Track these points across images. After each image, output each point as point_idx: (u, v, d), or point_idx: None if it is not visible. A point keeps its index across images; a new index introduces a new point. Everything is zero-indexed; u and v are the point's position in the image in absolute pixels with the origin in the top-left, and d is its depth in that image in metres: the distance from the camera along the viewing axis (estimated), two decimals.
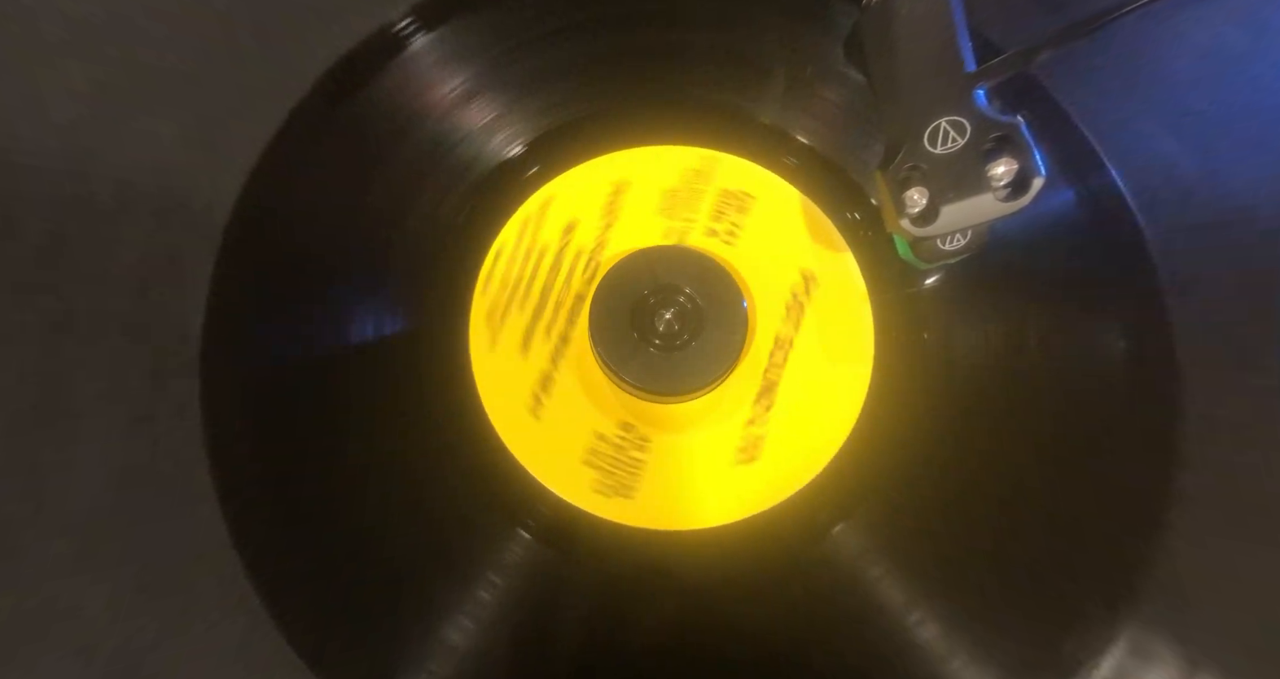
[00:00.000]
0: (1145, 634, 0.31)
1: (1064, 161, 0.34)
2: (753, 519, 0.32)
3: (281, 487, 0.32)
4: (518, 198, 0.34)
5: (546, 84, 0.35)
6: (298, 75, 0.35)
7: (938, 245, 0.29)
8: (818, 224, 0.34)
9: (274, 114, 0.34)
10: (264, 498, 0.32)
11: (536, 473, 0.32)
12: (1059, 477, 0.32)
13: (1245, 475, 0.32)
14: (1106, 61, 0.35)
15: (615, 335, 0.31)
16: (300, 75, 0.35)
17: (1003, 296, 0.33)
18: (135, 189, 0.34)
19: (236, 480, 0.31)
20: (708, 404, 0.33)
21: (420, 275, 0.34)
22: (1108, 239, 0.34)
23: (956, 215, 0.28)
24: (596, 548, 0.32)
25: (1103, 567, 0.31)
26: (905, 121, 0.28)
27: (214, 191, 0.33)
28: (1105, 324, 0.33)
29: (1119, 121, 0.34)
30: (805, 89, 0.35)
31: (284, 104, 0.34)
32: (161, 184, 0.34)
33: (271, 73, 0.35)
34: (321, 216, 0.34)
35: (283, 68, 0.35)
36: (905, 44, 0.28)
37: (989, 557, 0.32)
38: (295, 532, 0.32)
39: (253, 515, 0.31)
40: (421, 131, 0.34)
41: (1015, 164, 0.27)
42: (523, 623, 0.31)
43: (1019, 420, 0.33)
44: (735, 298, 0.31)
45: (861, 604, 0.31)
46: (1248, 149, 0.34)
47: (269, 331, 0.33)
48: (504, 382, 0.33)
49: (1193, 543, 0.31)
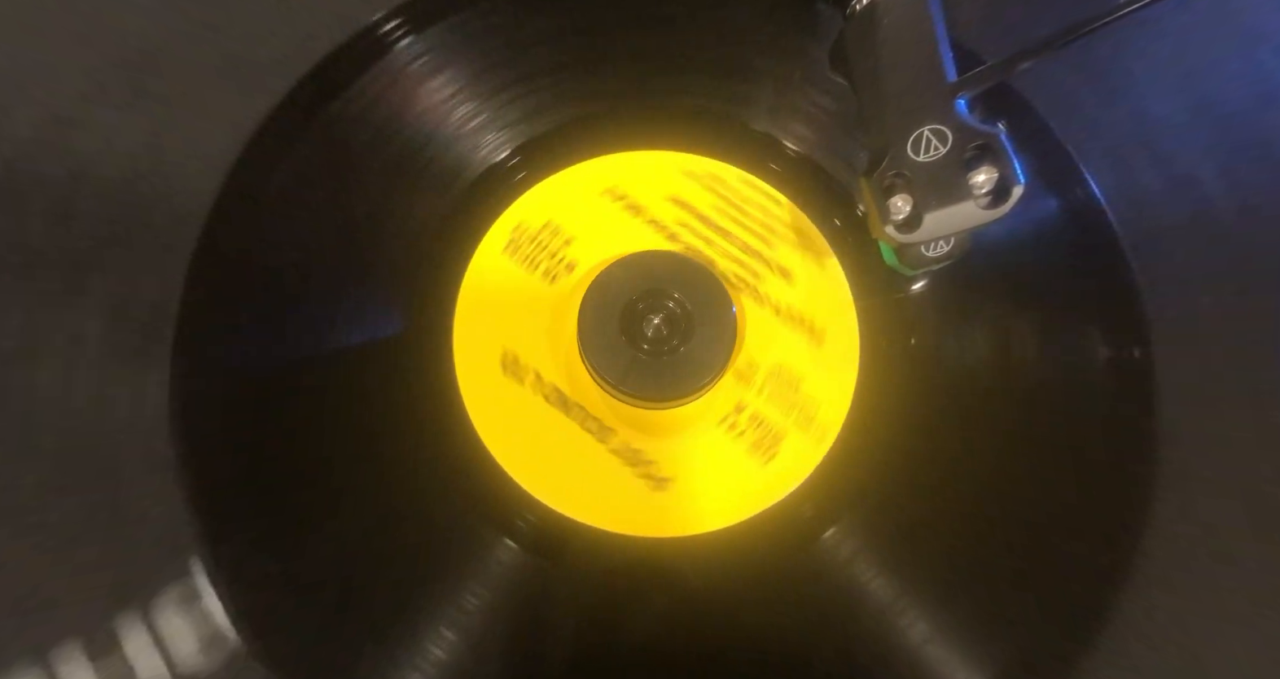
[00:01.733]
0: (1130, 633, 0.31)
1: (1044, 170, 0.34)
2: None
3: (257, 495, 0.32)
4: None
5: (532, 88, 0.35)
6: (280, 74, 0.34)
7: (921, 252, 0.30)
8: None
9: (255, 113, 0.34)
10: (239, 507, 0.31)
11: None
12: (1043, 478, 0.33)
13: (1226, 476, 0.32)
14: (1085, 72, 0.36)
15: (604, 341, 0.31)
16: (283, 74, 0.34)
17: (986, 302, 0.34)
18: (111, 188, 0.33)
19: (211, 488, 0.31)
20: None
21: (403, 279, 0.33)
22: (1087, 245, 0.34)
23: (939, 222, 0.28)
24: (584, 556, 0.32)
25: (1090, 566, 0.32)
26: (889, 130, 0.29)
27: (192, 193, 0.33)
28: (1086, 328, 0.34)
29: (1097, 131, 0.35)
30: (793, 95, 0.36)
31: (265, 103, 0.34)
32: (139, 184, 0.33)
33: (254, 71, 0.34)
34: (302, 218, 0.34)
35: (266, 66, 0.34)
36: (888, 54, 0.29)
37: (976, 558, 0.32)
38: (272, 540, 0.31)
39: (228, 524, 0.31)
40: (405, 133, 0.34)
41: (996, 172, 0.28)
42: (509, 634, 0.31)
43: (1003, 423, 0.33)
44: (724, 303, 0.31)
45: (850, 608, 0.31)
46: (1223, 156, 0.35)
47: (246, 336, 0.33)
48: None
49: (1173, 541, 0.32)
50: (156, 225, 0.33)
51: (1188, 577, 0.32)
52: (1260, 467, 0.32)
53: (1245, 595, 0.32)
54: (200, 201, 0.33)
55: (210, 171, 0.33)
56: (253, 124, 0.34)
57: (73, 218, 0.33)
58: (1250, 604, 0.32)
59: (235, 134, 0.34)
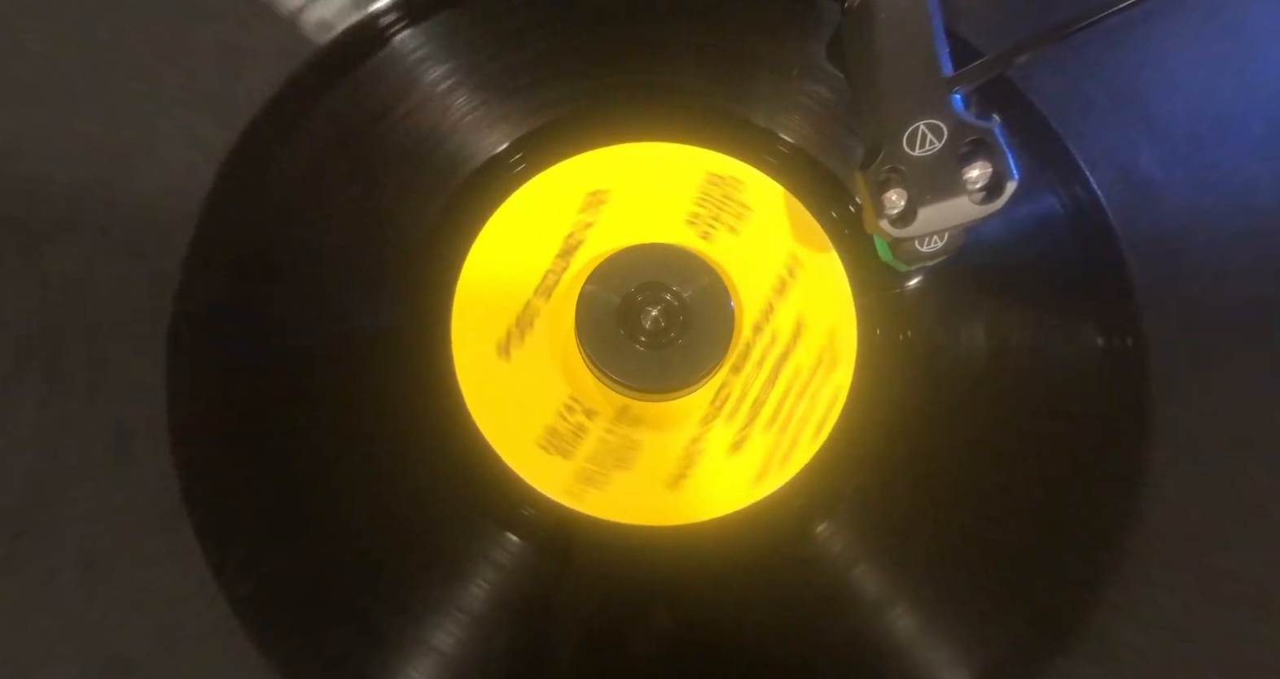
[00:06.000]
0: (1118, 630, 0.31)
1: (1041, 166, 0.34)
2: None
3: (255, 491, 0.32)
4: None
5: (530, 80, 0.35)
6: (277, 65, 0.34)
7: (916, 247, 0.30)
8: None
9: (250, 104, 0.34)
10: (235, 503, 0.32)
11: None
12: (1036, 473, 0.33)
13: (1216, 477, 0.32)
14: (1083, 67, 0.35)
15: (602, 333, 0.31)
16: (279, 65, 0.34)
17: (982, 296, 0.34)
18: (102, 181, 0.33)
19: (205, 483, 0.31)
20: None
21: (401, 271, 0.34)
22: (1084, 241, 0.34)
23: (934, 217, 0.29)
24: (586, 547, 0.32)
25: (1082, 561, 0.32)
26: (885, 124, 0.29)
27: (186, 185, 0.33)
28: (1081, 325, 0.34)
29: (1095, 126, 0.35)
30: (792, 88, 0.36)
31: (260, 95, 0.34)
32: (132, 176, 0.33)
33: (249, 61, 0.34)
34: (298, 211, 0.34)
35: (261, 57, 0.34)
36: (884, 48, 0.29)
37: (970, 553, 0.32)
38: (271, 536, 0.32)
39: (224, 520, 0.31)
40: (402, 125, 0.34)
41: (990, 167, 0.28)
42: (509, 626, 0.31)
43: (998, 418, 0.33)
44: (722, 295, 0.32)
45: (843, 600, 0.32)
46: (1221, 154, 0.35)
47: (242, 327, 0.33)
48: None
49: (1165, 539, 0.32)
50: (149, 219, 0.33)
51: (1178, 572, 0.32)
52: (1251, 465, 0.32)
53: (1237, 591, 0.32)
54: (195, 194, 0.33)
55: (204, 164, 0.33)
56: (246, 119, 0.34)
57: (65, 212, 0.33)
58: (1244, 601, 0.32)
59: (229, 127, 0.34)
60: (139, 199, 0.33)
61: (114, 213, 0.33)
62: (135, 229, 0.33)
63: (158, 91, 0.34)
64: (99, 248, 0.33)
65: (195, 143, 0.34)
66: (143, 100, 0.34)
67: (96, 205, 0.33)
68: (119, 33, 0.34)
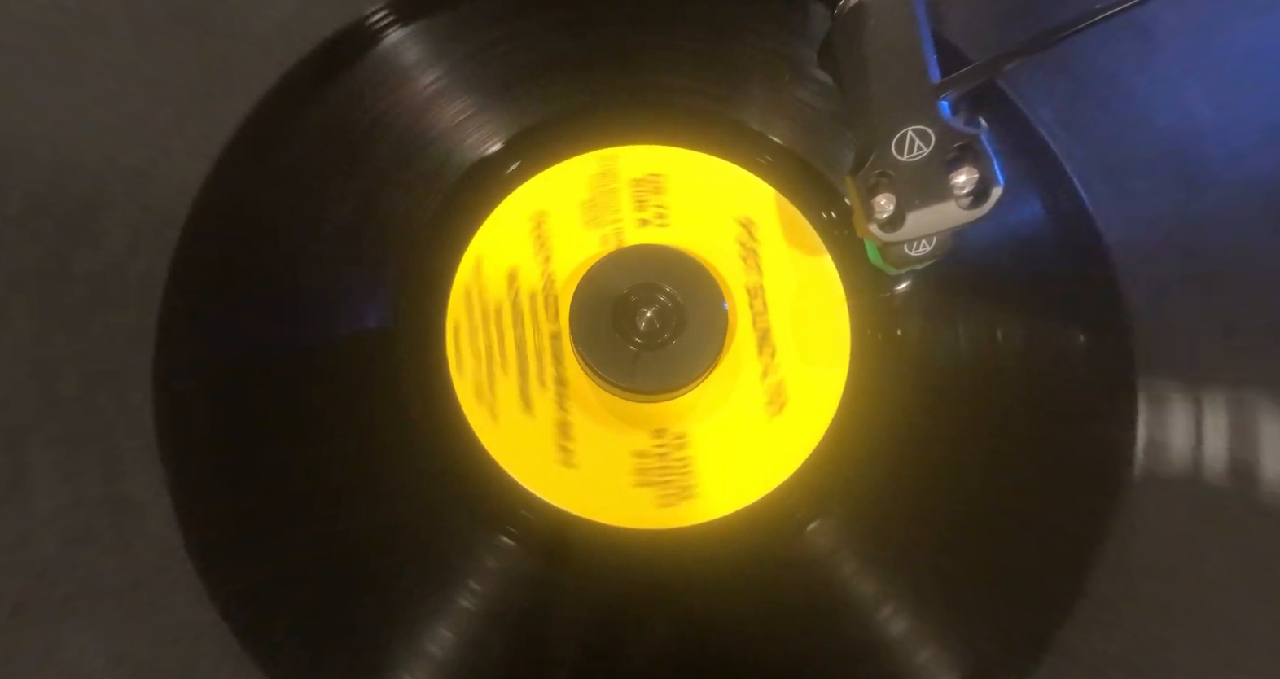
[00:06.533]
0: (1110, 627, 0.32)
1: (1028, 171, 0.35)
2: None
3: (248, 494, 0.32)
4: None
5: (520, 82, 0.35)
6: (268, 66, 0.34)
7: (905, 251, 0.30)
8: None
9: (241, 105, 0.34)
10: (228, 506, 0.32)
11: (597, 516, 0.32)
12: (1030, 475, 0.33)
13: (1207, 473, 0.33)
14: (1070, 73, 0.36)
15: (596, 337, 0.31)
16: (271, 66, 0.34)
17: (974, 299, 0.34)
18: (93, 180, 0.33)
19: (195, 487, 0.32)
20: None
21: (395, 273, 0.34)
22: (1071, 245, 0.35)
23: (922, 221, 0.29)
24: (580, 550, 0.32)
25: (1072, 560, 0.32)
26: (874, 129, 0.29)
27: (176, 186, 0.33)
28: (1069, 329, 0.34)
29: (1081, 132, 0.35)
30: (783, 92, 0.36)
31: (251, 94, 0.34)
32: (122, 175, 0.33)
33: (241, 62, 0.34)
34: (288, 213, 0.34)
35: (253, 58, 0.34)
36: (873, 54, 0.29)
37: (962, 551, 0.32)
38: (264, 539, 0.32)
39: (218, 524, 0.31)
40: (394, 128, 0.35)
41: (976, 173, 0.28)
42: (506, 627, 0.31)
43: (989, 420, 0.33)
44: (715, 293, 0.32)
45: (836, 599, 0.32)
46: (1207, 161, 0.35)
47: (231, 331, 0.33)
48: (524, 446, 0.33)
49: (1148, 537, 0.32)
50: (141, 217, 0.33)
51: (1168, 573, 0.32)
52: (1241, 464, 0.33)
53: (1230, 588, 0.32)
54: (187, 193, 0.33)
55: (197, 163, 0.33)
56: (239, 116, 0.34)
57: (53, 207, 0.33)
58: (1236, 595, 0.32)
59: (219, 129, 0.34)
60: (129, 200, 0.33)
61: (104, 213, 0.33)
62: (126, 229, 0.33)
63: (148, 92, 0.34)
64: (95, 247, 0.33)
65: (187, 143, 0.34)
66: (134, 100, 0.34)
67: (88, 206, 0.33)
68: (110, 32, 0.34)
